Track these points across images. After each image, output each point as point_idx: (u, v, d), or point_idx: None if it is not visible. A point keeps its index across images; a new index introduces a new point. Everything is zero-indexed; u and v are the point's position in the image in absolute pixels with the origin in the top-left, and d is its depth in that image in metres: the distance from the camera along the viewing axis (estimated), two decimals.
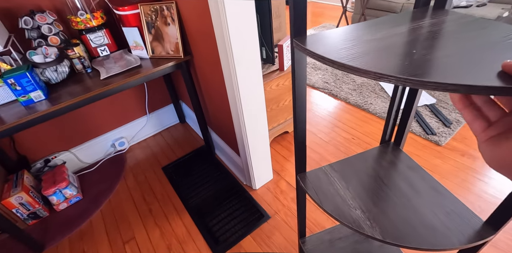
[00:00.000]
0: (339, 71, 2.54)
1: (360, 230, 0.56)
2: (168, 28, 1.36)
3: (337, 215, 0.59)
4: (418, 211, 0.58)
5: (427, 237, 0.53)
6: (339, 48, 0.40)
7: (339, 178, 0.68)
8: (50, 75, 1.32)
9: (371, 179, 0.67)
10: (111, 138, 1.99)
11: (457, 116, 1.90)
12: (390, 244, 0.53)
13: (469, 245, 0.51)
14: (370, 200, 0.61)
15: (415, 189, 0.63)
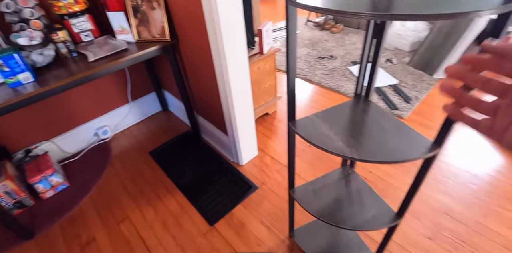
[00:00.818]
0: (312, 58, 2.74)
1: (342, 154, 0.71)
2: (154, 12, 1.44)
3: (324, 146, 0.74)
4: (384, 140, 0.74)
5: (392, 155, 0.70)
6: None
7: (323, 122, 0.83)
8: (36, 59, 1.35)
9: (348, 121, 0.83)
10: (93, 126, 2.00)
11: (416, 94, 2.16)
12: (365, 161, 0.69)
13: (424, 156, 0.68)
14: (349, 135, 0.77)
15: (382, 127, 0.80)
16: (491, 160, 1.63)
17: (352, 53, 2.79)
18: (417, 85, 2.26)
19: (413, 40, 2.64)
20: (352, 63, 2.61)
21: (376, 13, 0.47)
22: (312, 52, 2.86)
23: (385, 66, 2.54)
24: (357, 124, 0.82)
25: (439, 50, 2.32)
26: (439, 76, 2.35)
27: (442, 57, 2.30)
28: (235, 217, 1.46)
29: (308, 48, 2.94)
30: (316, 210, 0.98)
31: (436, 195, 1.47)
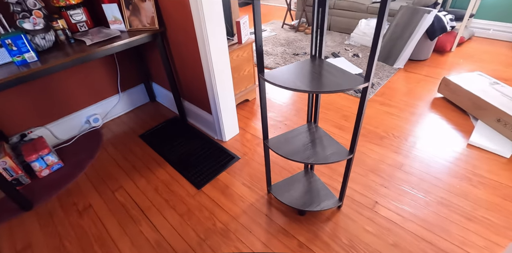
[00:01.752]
0: (288, 55, 3.03)
1: (301, 88, 0.94)
2: (145, 4, 1.67)
3: (288, 85, 0.97)
4: (332, 79, 0.98)
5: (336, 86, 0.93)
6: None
7: (288, 72, 1.07)
8: (39, 42, 1.53)
9: (308, 71, 1.07)
10: (85, 114, 2.16)
11: (378, 80, 2.46)
12: (317, 92, 0.92)
13: (358, 86, 0.93)
14: (308, 79, 1.00)
15: (330, 73, 1.04)
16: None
17: (324, 50, 3.10)
18: (379, 73, 2.57)
19: None
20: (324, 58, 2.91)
21: None
22: (288, 50, 3.15)
23: (353, 59, 2.85)
24: (314, 72, 1.06)
25: (397, 42, 2.65)
26: (398, 66, 2.67)
27: (400, 48, 2.63)
28: (220, 181, 1.64)
29: (284, 47, 3.24)
30: (286, 152, 1.20)
31: (391, 155, 1.72)
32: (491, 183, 1.50)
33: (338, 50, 3.08)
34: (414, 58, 2.78)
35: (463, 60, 2.78)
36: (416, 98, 2.24)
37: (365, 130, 1.95)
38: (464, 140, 1.81)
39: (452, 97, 2.13)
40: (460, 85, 2.03)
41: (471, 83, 2.04)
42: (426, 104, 2.17)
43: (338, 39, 3.36)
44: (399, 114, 2.07)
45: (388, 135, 1.89)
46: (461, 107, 2.08)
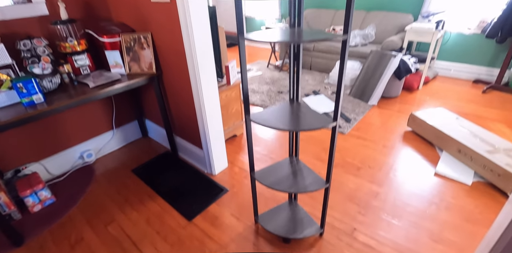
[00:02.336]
0: (272, 93, 3.31)
1: (281, 127, 1.14)
2: (144, 51, 1.91)
3: (270, 125, 1.16)
4: (307, 120, 1.19)
5: (310, 125, 1.13)
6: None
7: (271, 113, 1.27)
8: (46, 85, 1.71)
9: (287, 112, 1.28)
10: (79, 150, 2.27)
11: (354, 116, 2.73)
12: (295, 130, 1.12)
13: (328, 126, 1.13)
14: (288, 120, 1.21)
15: (305, 114, 1.25)
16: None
17: (305, 88, 3.42)
18: (356, 109, 2.85)
19: (352, 76, 3.34)
20: (305, 95, 3.20)
21: (291, 40, 0.96)
22: (273, 88, 3.45)
23: (331, 97, 3.15)
24: (292, 113, 1.27)
25: (370, 82, 2.98)
26: (372, 103, 2.97)
27: (373, 87, 2.95)
28: (210, 213, 1.75)
29: (269, 85, 3.54)
30: (271, 183, 1.35)
31: (367, 184, 1.89)
32: (456, 207, 1.68)
33: (318, 88, 3.39)
34: (386, 95, 3.10)
35: (429, 97, 3.12)
36: (389, 132, 2.49)
37: (343, 161, 2.14)
38: (431, 169, 2.01)
39: (419, 130, 2.38)
40: (425, 121, 2.29)
41: (434, 118, 2.32)
42: (398, 137, 2.41)
43: (318, 78, 3.71)
44: (374, 147, 2.29)
45: (364, 165, 2.09)
46: (428, 140, 2.33)
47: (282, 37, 0.99)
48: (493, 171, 1.79)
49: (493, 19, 2.99)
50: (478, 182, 1.88)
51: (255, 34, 1.04)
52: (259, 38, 1.00)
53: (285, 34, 1.04)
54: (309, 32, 1.06)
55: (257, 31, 1.09)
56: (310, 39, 0.95)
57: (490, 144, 1.96)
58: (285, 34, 1.04)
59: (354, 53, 3.55)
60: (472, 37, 3.43)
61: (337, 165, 2.10)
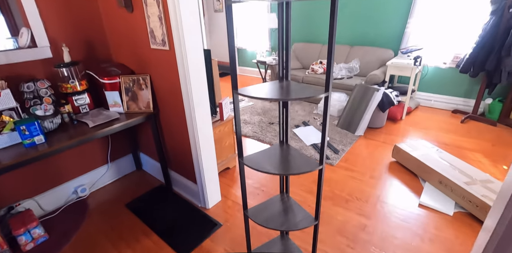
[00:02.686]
0: (264, 124, 3.45)
1: (272, 171, 1.25)
2: (142, 92, 2.04)
3: (262, 169, 1.27)
4: (295, 163, 1.30)
5: (297, 170, 1.25)
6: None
7: (262, 156, 1.38)
8: (48, 125, 1.81)
9: (277, 155, 1.40)
10: (73, 185, 2.31)
11: (342, 147, 2.87)
12: (284, 174, 1.23)
13: (314, 169, 1.25)
14: (277, 163, 1.32)
15: (294, 157, 1.37)
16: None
17: (295, 118, 3.58)
18: (343, 140, 3.00)
19: (339, 108, 3.53)
20: (295, 126, 3.35)
21: (280, 97, 1.10)
22: (264, 119, 3.60)
23: (319, 128, 3.31)
24: (281, 157, 1.39)
25: (356, 114, 3.17)
26: (359, 133, 3.14)
27: (359, 118, 3.13)
28: (204, 248, 1.79)
29: (261, 116, 3.70)
30: (263, 220, 1.43)
31: (355, 216, 1.98)
32: (438, 239, 1.77)
33: (308, 119, 3.56)
34: (372, 126, 3.28)
35: (412, 127, 3.31)
36: (375, 163, 2.62)
37: (332, 193, 2.24)
38: (416, 200, 2.13)
39: (403, 161, 2.53)
40: (408, 152, 2.44)
41: (416, 150, 2.47)
42: (384, 168, 2.54)
43: (307, 109, 3.89)
44: (361, 178, 2.41)
45: (352, 198, 2.19)
46: (411, 171, 2.46)
47: (272, 94, 1.13)
48: (471, 202, 1.91)
49: (465, 55, 3.28)
50: (459, 212, 1.99)
51: (248, 90, 1.19)
52: (252, 94, 1.15)
53: (274, 91, 1.18)
54: (296, 89, 1.21)
55: (250, 87, 1.24)
56: (296, 97, 1.09)
57: (468, 175, 2.10)
58: (274, 91, 1.18)
59: (340, 86, 3.78)
60: (448, 71, 3.72)
61: (326, 198, 2.20)
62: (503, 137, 3.05)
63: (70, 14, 2.01)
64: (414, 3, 3.61)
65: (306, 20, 4.68)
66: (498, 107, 3.35)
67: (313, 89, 1.19)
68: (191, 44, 1.68)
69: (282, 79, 1.38)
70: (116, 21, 2.05)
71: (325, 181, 2.39)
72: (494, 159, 2.62)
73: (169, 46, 1.74)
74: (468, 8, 3.36)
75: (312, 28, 4.68)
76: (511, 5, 2.84)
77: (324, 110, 1.16)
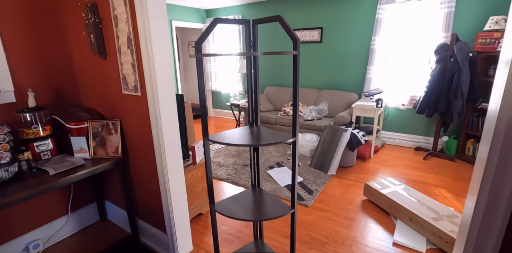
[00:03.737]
0: (238, 166, 3.42)
1: (244, 218, 1.21)
2: (111, 137, 1.99)
3: (231, 215, 1.23)
4: (266, 208, 1.28)
5: (268, 215, 1.22)
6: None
7: (234, 202, 1.35)
8: (2, 174, 1.67)
9: (249, 201, 1.37)
10: (25, 240, 2.06)
11: (316, 187, 2.87)
12: (257, 220, 1.19)
13: (286, 213, 1.23)
14: (249, 207, 1.29)
15: (265, 201, 1.35)
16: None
17: (269, 160, 3.60)
18: (317, 180, 3.02)
19: (311, 148, 3.62)
20: (269, 168, 3.35)
21: (250, 143, 1.12)
22: (238, 161, 3.58)
23: None
24: (254, 202, 1.36)
25: (327, 154, 3.25)
26: (331, 173, 3.19)
27: (330, 158, 3.21)
28: None
29: (235, 158, 3.68)
30: None
31: None
32: None
33: (282, 160, 3.59)
34: (343, 165, 3.36)
35: (380, 165, 3.44)
36: (348, 202, 2.63)
37: (309, 237, 2.18)
38: (390, 238, 2.12)
39: (374, 200, 2.56)
40: (378, 190, 2.50)
41: (386, 188, 2.53)
42: (357, 207, 2.55)
43: (281, 150, 3.95)
44: (336, 219, 2.38)
45: (329, 240, 2.13)
46: (383, 208, 2.49)
47: (242, 140, 1.16)
48: (441, 238, 1.94)
49: (420, 98, 3.61)
50: (431, 248, 2.00)
51: (219, 136, 1.20)
52: (222, 140, 1.16)
53: (245, 136, 1.21)
54: (266, 134, 1.24)
55: (221, 133, 1.26)
56: (266, 143, 1.12)
57: (435, 211, 2.16)
58: (245, 136, 1.21)
59: (311, 127, 3.93)
60: (407, 112, 4.03)
61: (303, 241, 2.12)
62: (462, 172, 3.23)
63: (40, 60, 2.01)
64: (372, 52, 4.03)
65: (277, 65, 5.01)
66: (454, 144, 3.61)
67: (282, 135, 1.23)
68: (163, 90, 1.71)
69: (252, 125, 1.42)
70: (89, 67, 2.07)
71: (300, 223, 2.33)
72: (457, 193, 2.74)
73: (141, 92, 1.76)
74: (419, 55, 3.80)
75: (282, 73, 5.00)
76: (452, 55, 3.26)
77: (293, 156, 1.19)
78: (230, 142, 1.14)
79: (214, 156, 3.74)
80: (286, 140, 1.17)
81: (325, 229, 2.27)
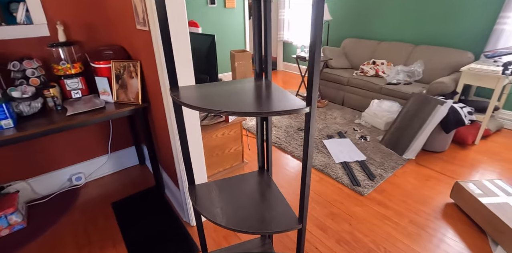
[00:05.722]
0: (292, 129, 2.83)
1: (213, 219, 0.71)
2: (132, 80, 1.63)
3: (203, 210, 0.74)
4: (256, 212, 0.73)
5: (257, 226, 0.68)
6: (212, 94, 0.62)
7: (216, 189, 0.84)
8: (23, 109, 1.51)
9: (238, 190, 0.83)
10: (69, 172, 2.06)
11: (381, 172, 2.11)
12: (230, 229, 0.67)
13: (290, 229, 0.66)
14: (230, 203, 0.77)
15: (264, 198, 0.79)
16: None
17: (330, 127, 2.87)
18: (384, 163, 2.22)
19: (387, 120, 2.71)
20: (327, 137, 2.66)
21: (241, 110, 0.54)
22: (294, 123, 2.97)
23: (358, 142, 2.56)
24: (243, 194, 0.82)
25: (407, 132, 2.34)
26: (408, 157, 2.31)
27: (410, 138, 2.30)
28: None
29: (291, 119, 3.07)
30: None
31: None
32: None
33: (346, 130, 2.82)
34: (428, 149, 2.41)
35: (487, 158, 2.33)
36: (422, 202, 1.83)
37: (351, 236, 1.57)
38: None
39: (466, 208, 1.69)
40: (475, 196, 1.61)
41: (488, 194, 1.62)
42: (433, 212, 1.74)
43: (349, 117, 3.13)
44: (397, 221, 1.67)
45: (378, 248, 1.48)
46: (477, 223, 1.63)
47: (232, 103, 0.58)
48: None
49: None
50: None
51: (200, 92, 0.65)
52: (202, 100, 0.61)
53: (239, 98, 0.62)
54: (273, 97, 0.63)
55: (206, 85, 0.69)
56: (264, 112, 0.51)
57: None
58: (239, 98, 0.62)
59: (393, 92, 2.91)
60: None
61: (341, 240, 1.54)
62: None
63: None
64: None
65: (362, 12, 3.80)
66: None
67: (294, 101, 0.59)
68: (173, 23, 1.18)
69: (260, 77, 0.80)
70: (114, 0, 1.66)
71: (345, 216, 1.72)
72: None
73: (148, 26, 1.27)
74: None
75: (367, 22, 3.78)
76: None
77: (305, 134, 0.57)
78: (208, 105, 0.58)
79: None
80: (296, 112, 0.54)
81: (377, 231, 1.60)
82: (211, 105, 0.59)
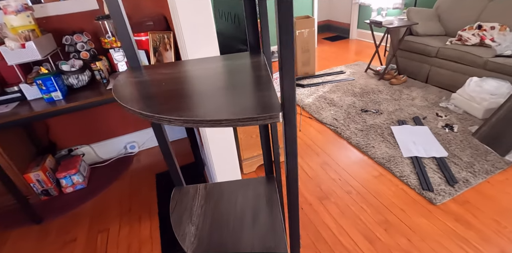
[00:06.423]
0: (354, 110, 2.37)
1: (182, 242, 0.53)
2: (167, 53, 1.48)
3: (174, 224, 0.56)
4: (239, 241, 0.52)
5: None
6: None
7: (203, 196, 0.65)
8: (72, 81, 1.54)
9: (228, 203, 0.62)
10: (125, 140, 2.17)
11: (468, 175, 1.57)
12: None
13: None
14: (209, 221, 0.57)
15: (256, 221, 0.56)
16: None
17: (404, 110, 2.29)
18: (475, 164, 1.65)
19: (489, 106, 1.99)
20: (397, 123, 2.13)
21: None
22: (358, 103, 2.48)
23: (440, 132, 1.97)
24: (232, 210, 0.60)
25: None
26: (511, 158, 1.66)
27: None
28: None
29: (355, 98, 2.57)
30: None
31: None
32: None
33: (426, 115, 2.21)
34: None
35: None
36: None
37: None
38: None
39: None
40: None
41: None
42: None
43: (432, 98, 2.44)
44: (479, 247, 1.21)
45: None
46: None
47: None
48: None
49: None
50: None
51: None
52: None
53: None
54: (238, 91, 0.35)
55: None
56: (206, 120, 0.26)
57: None
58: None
59: (504, 68, 2.09)
60: None
61: None
62: None
63: None
64: None
65: None
66: None
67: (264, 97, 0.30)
68: None
69: (255, 50, 0.50)
70: None
71: (406, 228, 1.34)
72: None
73: None
74: None
75: None
76: None
77: (285, 141, 0.34)
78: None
79: (329, 90, 2.75)
80: (253, 115, 0.26)
81: None
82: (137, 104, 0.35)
